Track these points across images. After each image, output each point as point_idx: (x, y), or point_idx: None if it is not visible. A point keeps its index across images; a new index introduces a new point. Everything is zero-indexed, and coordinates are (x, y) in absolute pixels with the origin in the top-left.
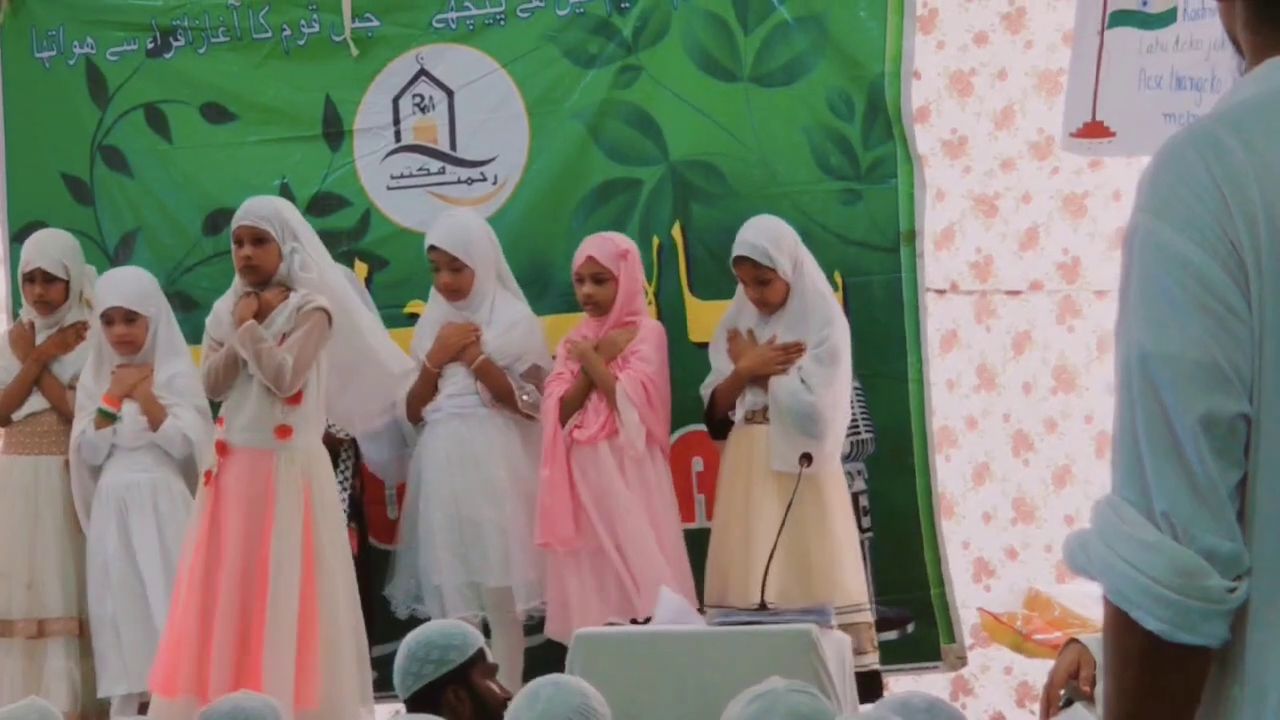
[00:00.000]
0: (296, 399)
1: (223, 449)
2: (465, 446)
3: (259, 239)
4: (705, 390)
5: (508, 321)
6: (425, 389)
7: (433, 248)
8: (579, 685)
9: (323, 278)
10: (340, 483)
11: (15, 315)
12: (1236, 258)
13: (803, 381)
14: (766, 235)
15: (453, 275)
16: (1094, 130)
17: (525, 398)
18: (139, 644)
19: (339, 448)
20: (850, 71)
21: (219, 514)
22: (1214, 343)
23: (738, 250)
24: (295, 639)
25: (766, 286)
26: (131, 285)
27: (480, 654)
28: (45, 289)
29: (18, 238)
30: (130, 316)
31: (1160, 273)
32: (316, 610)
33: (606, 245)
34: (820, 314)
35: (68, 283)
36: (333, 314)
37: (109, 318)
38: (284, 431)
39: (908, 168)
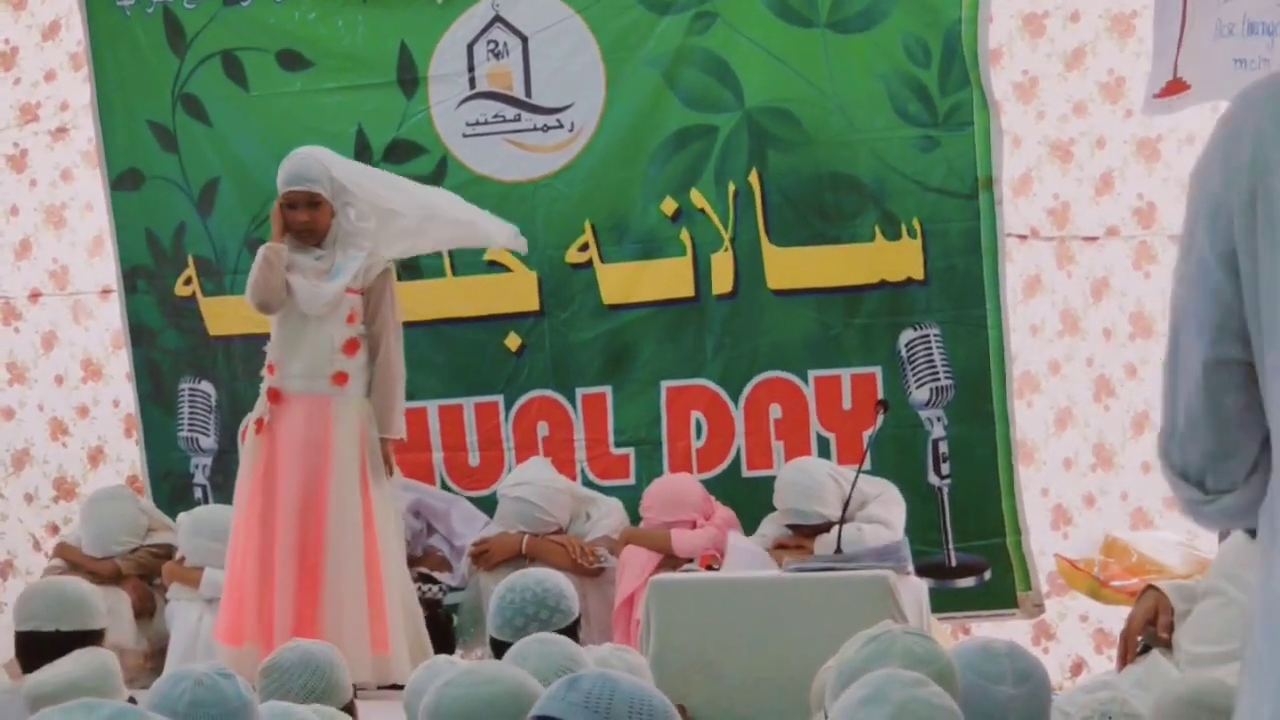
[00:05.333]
0: (353, 348)
1: (276, 396)
2: None
3: (313, 202)
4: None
5: None
6: None
7: None
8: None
9: (381, 223)
10: None
11: (120, 259)
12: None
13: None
14: (812, 495)
15: None
16: (1174, 87)
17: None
18: None
19: None
20: (926, 17)
21: (274, 462)
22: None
23: (787, 520)
24: (365, 586)
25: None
26: None
27: (579, 621)
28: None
29: (117, 185)
30: None
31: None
32: (378, 557)
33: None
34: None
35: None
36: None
37: None
38: (341, 378)
39: (984, 114)
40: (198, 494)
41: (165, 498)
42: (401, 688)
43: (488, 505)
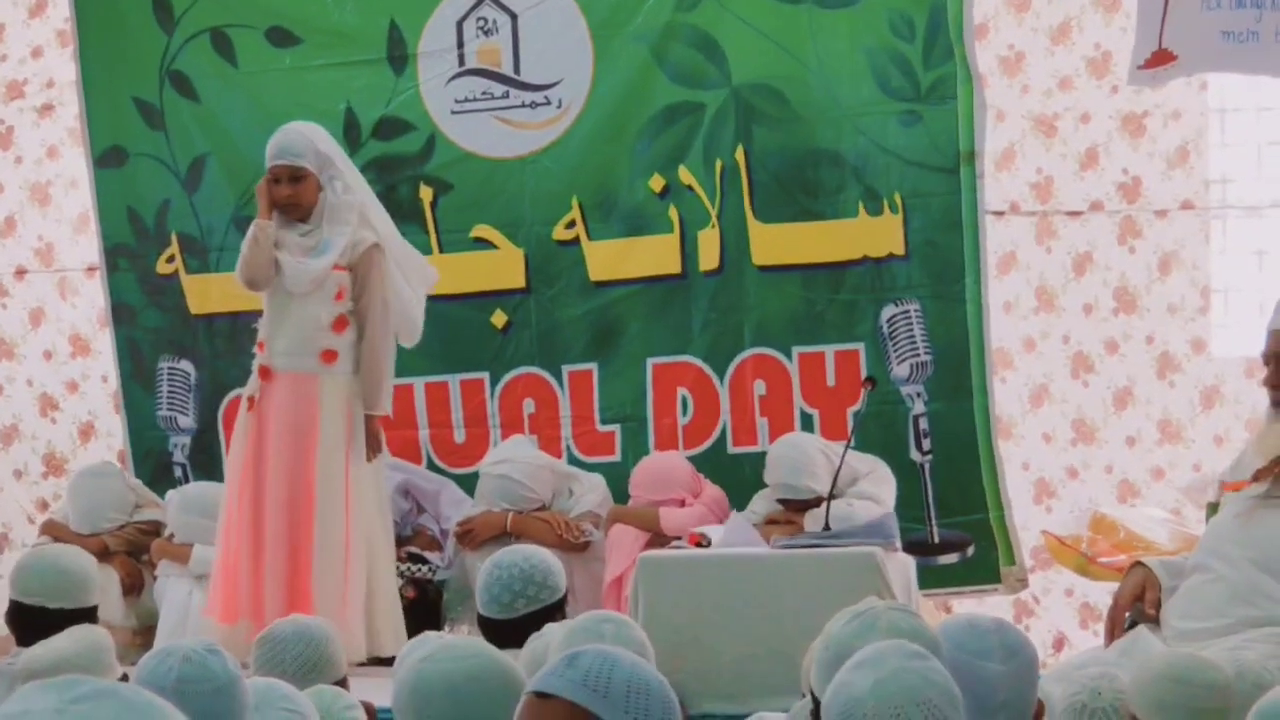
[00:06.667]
0: (341, 325)
1: (265, 373)
2: None
3: (297, 176)
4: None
5: None
6: None
7: None
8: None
9: (363, 197)
10: None
11: (103, 237)
12: None
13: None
14: (803, 470)
15: None
16: (1159, 58)
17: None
18: None
19: None
20: None
21: (263, 439)
22: None
23: (778, 494)
24: (344, 565)
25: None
26: None
27: (566, 597)
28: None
29: (101, 162)
30: None
31: None
32: (352, 537)
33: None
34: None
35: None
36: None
37: None
38: (329, 356)
39: (967, 88)
40: (177, 473)
41: (147, 476)
42: (381, 663)
43: (474, 482)
